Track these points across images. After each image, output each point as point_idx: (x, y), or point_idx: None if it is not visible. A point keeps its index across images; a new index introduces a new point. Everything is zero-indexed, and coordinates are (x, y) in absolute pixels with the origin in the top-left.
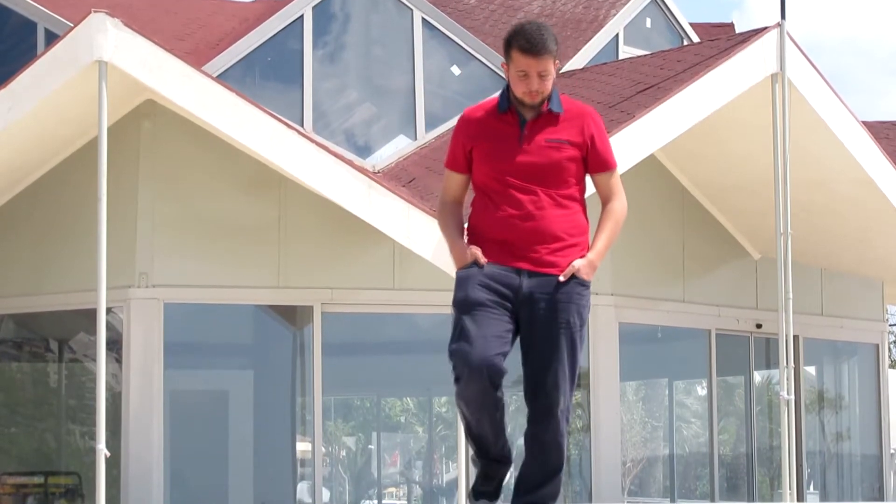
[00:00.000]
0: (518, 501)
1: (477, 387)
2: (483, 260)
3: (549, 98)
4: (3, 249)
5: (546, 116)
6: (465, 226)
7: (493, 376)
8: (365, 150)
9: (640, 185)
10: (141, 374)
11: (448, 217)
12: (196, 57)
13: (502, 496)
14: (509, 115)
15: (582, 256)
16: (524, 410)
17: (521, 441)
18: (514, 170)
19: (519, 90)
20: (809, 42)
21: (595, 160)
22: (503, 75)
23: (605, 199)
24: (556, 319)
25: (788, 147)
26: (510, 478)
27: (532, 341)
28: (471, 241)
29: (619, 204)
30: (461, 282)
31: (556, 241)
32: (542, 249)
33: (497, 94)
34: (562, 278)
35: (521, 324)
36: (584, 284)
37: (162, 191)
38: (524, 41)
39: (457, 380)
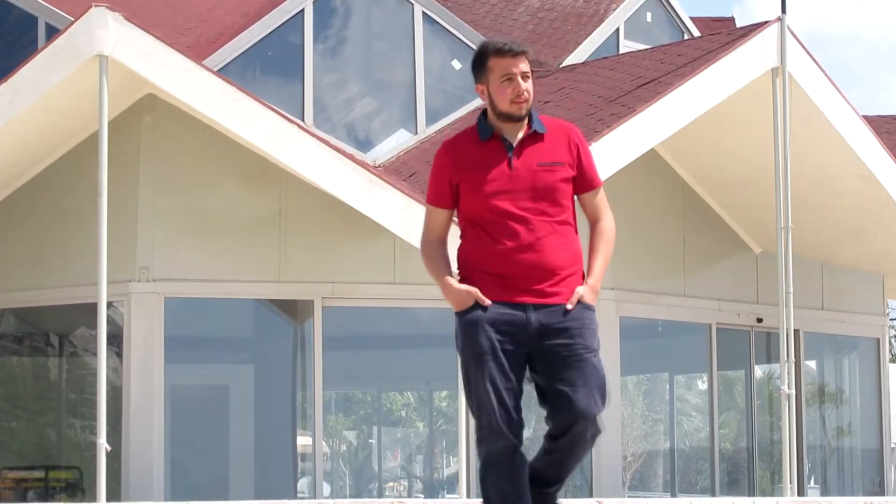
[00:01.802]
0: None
1: (503, 445)
2: (487, 302)
3: (529, 120)
4: (4, 243)
5: (531, 137)
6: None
7: (516, 434)
8: (365, 145)
9: (640, 179)
10: (141, 369)
11: (435, 257)
12: (197, 51)
13: None
14: (493, 141)
15: (581, 283)
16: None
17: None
18: (508, 197)
19: (506, 99)
20: (810, 34)
21: (583, 179)
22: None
23: (595, 218)
24: (574, 345)
25: (789, 141)
26: None
27: (552, 369)
28: (464, 276)
29: (609, 223)
30: (467, 328)
31: (555, 274)
32: (542, 282)
33: (470, 127)
34: (569, 306)
35: (536, 358)
36: (591, 308)
37: (162, 185)
38: (499, 45)
39: (481, 438)
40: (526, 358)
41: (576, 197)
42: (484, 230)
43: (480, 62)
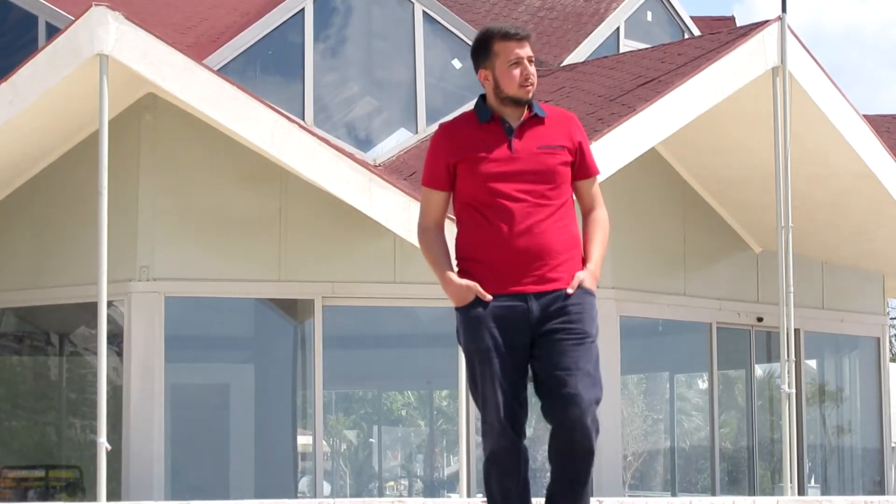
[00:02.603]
0: None
1: (506, 442)
2: (487, 297)
3: (529, 106)
4: (4, 243)
5: (531, 121)
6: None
7: (520, 431)
8: (366, 144)
9: (640, 178)
10: (142, 368)
11: (435, 245)
12: (197, 50)
13: None
14: (492, 124)
15: (580, 268)
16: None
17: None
18: (507, 179)
19: (514, 83)
20: (811, 33)
21: (582, 166)
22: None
23: (589, 207)
24: (574, 331)
25: (789, 140)
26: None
27: (551, 354)
28: (462, 266)
29: (604, 213)
30: (469, 324)
31: (554, 257)
32: (542, 267)
33: (468, 111)
34: (570, 290)
35: (535, 343)
36: (592, 294)
37: (163, 184)
38: (505, 30)
39: (484, 434)
40: (529, 348)
41: (573, 185)
42: (481, 214)
43: (484, 47)
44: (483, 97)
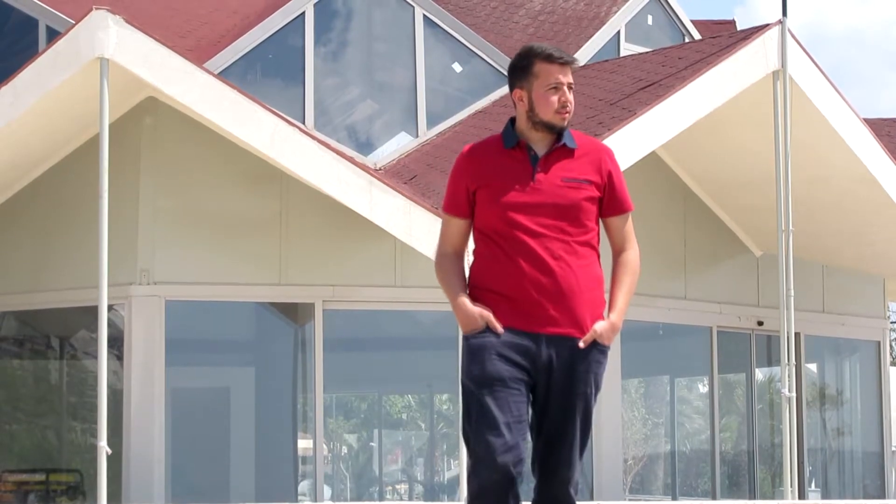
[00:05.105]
0: None
1: (499, 477)
2: (499, 328)
3: (560, 133)
4: (5, 246)
5: (559, 152)
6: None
7: (517, 466)
8: (366, 147)
9: (641, 182)
10: (142, 372)
11: (450, 271)
12: (198, 54)
13: None
14: (518, 150)
15: (599, 312)
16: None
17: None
18: (526, 211)
19: (550, 108)
20: (812, 34)
21: (611, 202)
22: (503, 70)
23: (620, 246)
24: (573, 390)
25: (790, 144)
26: None
27: (546, 410)
28: (474, 295)
29: (635, 254)
30: (476, 352)
31: (572, 297)
32: (558, 307)
33: (495, 135)
34: (582, 344)
35: (536, 389)
36: (604, 351)
37: (163, 187)
38: (550, 51)
39: (475, 468)
40: (529, 393)
41: (602, 221)
42: (497, 245)
43: (524, 66)
44: (513, 121)
